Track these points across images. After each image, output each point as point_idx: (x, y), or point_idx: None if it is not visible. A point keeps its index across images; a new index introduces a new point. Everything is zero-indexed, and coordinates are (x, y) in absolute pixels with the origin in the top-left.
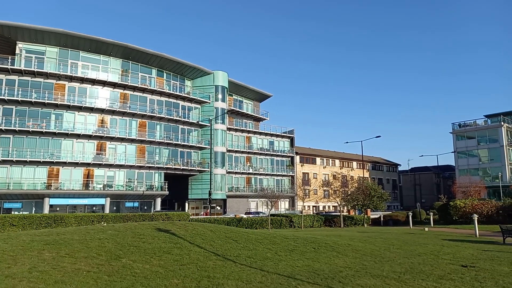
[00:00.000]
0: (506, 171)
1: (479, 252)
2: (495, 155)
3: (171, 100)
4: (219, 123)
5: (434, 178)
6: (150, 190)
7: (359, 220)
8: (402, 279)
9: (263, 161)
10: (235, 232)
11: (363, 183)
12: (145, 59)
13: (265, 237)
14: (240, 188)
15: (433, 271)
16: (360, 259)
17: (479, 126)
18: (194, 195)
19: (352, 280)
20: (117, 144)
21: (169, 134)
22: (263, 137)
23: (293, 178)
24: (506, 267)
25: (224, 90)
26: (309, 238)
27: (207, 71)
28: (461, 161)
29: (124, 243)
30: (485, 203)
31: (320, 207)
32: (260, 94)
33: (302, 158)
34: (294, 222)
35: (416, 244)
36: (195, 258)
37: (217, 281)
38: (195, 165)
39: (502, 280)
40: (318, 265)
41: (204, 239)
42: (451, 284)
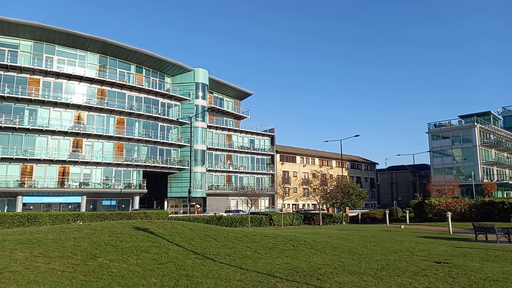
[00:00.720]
0: (478, 170)
1: (453, 249)
2: (468, 154)
3: (151, 97)
4: (200, 120)
5: (410, 177)
6: (128, 188)
7: (337, 218)
8: (379, 276)
9: (243, 159)
10: (214, 230)
11: (341, 181)
12: (123, 55)
13: (245, 235)
14: (220, 186)
15: (409, 267)
16: (338, 256)
17: (453, 126)
18: (174, 193)
19: (330, 277)
20: (94, 141)
21: (148, 131)
22: (244, 135)
23: (273, 176)
24: (477, 263)
25: (205, 87)
26: (288, 236)
27: (187, 68)
28: (436, 160)
29: (100, 242)
30: (459, 201)
31: (299, 205)
32: (241, 92)
33: (283, 156)
34: (274, 220)
35: (393, 241)
36: (174, 256)
37: (196, 279)
38: (175, 163)
39: (473, 275)
40: (297, 263)
41: (183, 238)
42: (426, 280)
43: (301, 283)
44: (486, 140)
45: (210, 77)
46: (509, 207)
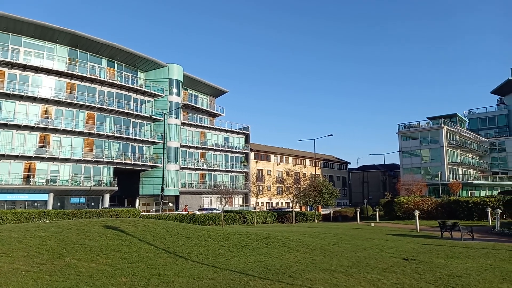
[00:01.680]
0: (445, 170)
1: (420, 246)
2: (435, 155)
3: (123, 92)
4: (173, 117)
5: (381, 176)
6: (98, 186)
7: (310, 216)
8: (349, 272)
9: (217, 157)
10: (187, 228)
11: (315, 180)
12: (94, 48)
13: (218, 234)
14: (194, 184)
15: (378, 264)
16: (311, 254)
17: (422, 127)
18: (146, 191)
19: (302, 275)
20: (62, 136)
21: (119, 127)
22: (218, 133)
23: (247, 174)
24: (442, 260)
25: (179, 84)
26: (261, 234)
27: (161, 63)
28: (405, 160)
29: (68, 241)
30: (426, 200)
31: (273, 203)
32: (215, 89)
33: (257, 155)
34: (247, 218)
35: (363, 238)
36: (145, 255)
37: (167, 278)
38: (147, 160)
39: (439, 271)
40: (269, 261)
41: (154, 236)
42: (394, 277)
43: (273, 281)
44: (453, 141)
45: (185, 73)
46: (473, 206)
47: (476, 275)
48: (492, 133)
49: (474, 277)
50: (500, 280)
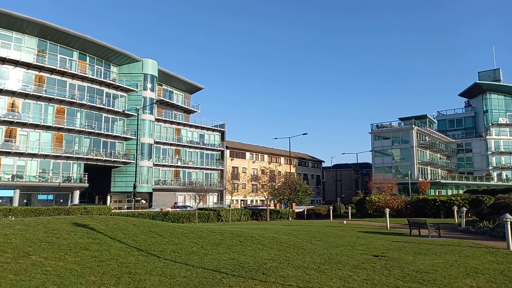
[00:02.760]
0: (414, 170)
1: (389, 243)
2: (406, 154)
3: (94, 86)
4: (147, 113)
5: (354, 175)
6: (67, 182)
7: (284, 213)
8: (321, 269)
9: (192, 154)
10: (160, 226)
11: (289, 178)
12: (65, 40)
13: (192, 231)
14: (168, 181)
15: (349, 261)
16: (284, 251)
17: (393, 128)
18: (118, 188)
19: (275, 272)
20: (30, 130)
21: (91, 122)
22: (193, 129)
23: (222, 172)
24: (411, 256)
25: (154, 79)
26: (235, 231)
27: (135, 58)
28: (377, 160)
29: (34, 239)
30: (396, 198)
31: (248, 201)
32: (191, 85)
33: (232, 152)
34: (222, 216)
35: (335, 236)
36: (116, 253)
37: (138, 277)
38: (120, 156)
39: (407, 268)
40: (243, 258)
41: (126, 234)
42: (364, 273)
43: (246, 278)
44: (422, 141)
45: (160, 68)
46: (440, 205)
47: (442, 271)
48: (460, 134)
49: (440, 273)
50: (464, 276)
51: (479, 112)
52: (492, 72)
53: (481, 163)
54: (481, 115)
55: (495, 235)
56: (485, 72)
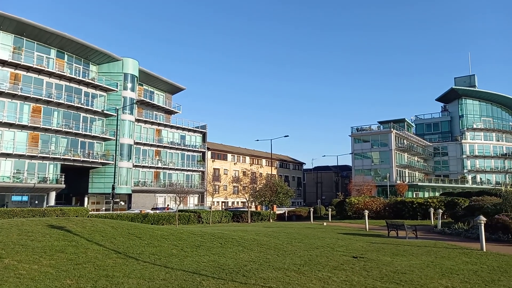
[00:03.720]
0: (393, 172)
1: (368, 244)
2: (385, 157)
3: (73, 85)
4: (127, 113)
5: (334, 177)
6: (43, 183)
7: (265, 215)
8: (301, 271)
9: (173, 156)
10: (139, 228)
11: (270, 180)
12: (43, 38)
13: (172, 233)
14: (148, 182)
15: (329, 262)
16: (265, 253)
17: (373, 131)
18: (95, 189)
19: (256, 274)
20: (4, 129)
21: (68, 122)
22: (174, 130)
23: (203, 173)
24: (388, 257)
25: (134, 79)
26: (216, 233)
27: (115, 57)
28: (357, 162)
29: (7, 242)
30: (375, 200)
31: (229, 202)
32: (172, 86)
33: (214, 154)
34: (202, 217)
35: (315, 238)
36: (93, 256)
37: (116, 280)
38: (98, 157)
39: (385, 269)
40: (223, 260)
41: (104, 236)
42: (343, 274)
43: (226, 280)
44: (400, 145)
45: (140, 68)
46: (417, 207)
47: (418, 272)
48: (436, 138)
49: (417, 274)
50: (440, 276)
51: (455, 116)
52: (468, 78)
53: (456, 166)
54: (457, 119)
55: (469, 237)
56: (461, 78)
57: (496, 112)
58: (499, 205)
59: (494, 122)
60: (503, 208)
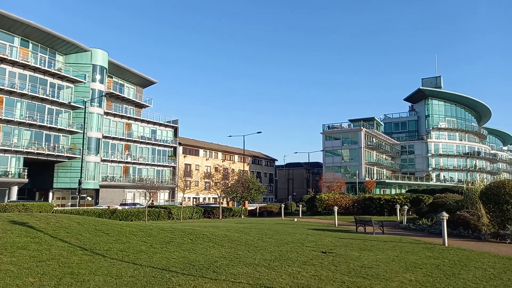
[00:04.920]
0: (362, 170)
1: (337, 240)
2: (354, 155)
3: (38, 75)
4: (95, 106)
5: (305, 174)
6: (4, 177)
7: (237, 211)
8: (271, 266)
9: (143, 150)
10: (106, 224)
11: (243, 176)
12: (6, 25)
13: (141, 229)
14: (116, 177)
15: (298, 257)
16: (235, 249)
17: (344, 129)
18: (61, 184)
19: (226, 270)
20: None
21: (32, 114)
22: (145, 125)
23: (174, 169)
24: (356, 252)
25: (103, 70)
26: (186, 229)
27: (84, 47)
28: (328, 159)
29: None
30: (344, 197)
31: (200, 198)
32: (143, 79)
33: (185, 149)
34: (173, 213)
35: (286, 233)
36: (57, 253)
37: (82, 277)
38: (64, 150)
39: (352, 263)
40: (194, 256)
41: (69, 233)
42: (312, 269)
43: (196, 276)
44: (370, 143)
45: (110, 60)
46: (385, 203)
47: (384, 266)
48: (404, 137)
49: (383, 268)
50: (404, 270)
51: (421, 116)
52: (434, 79)
53: (422, 164)
54: (423, 119)
55: (432, 232)
56: (428, 79)
57: (460, 113)
58: (461, 202)
59: (458, 122)
60: (464, 205)
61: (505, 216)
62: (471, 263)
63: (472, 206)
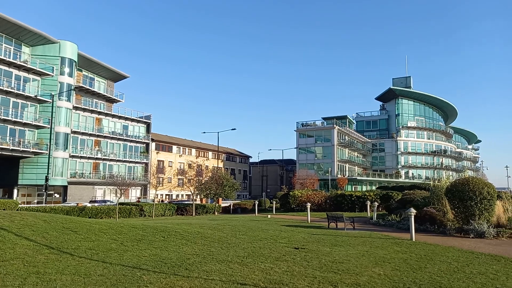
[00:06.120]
0: (334, 167)
1: (309, 236)
2: (327, 152)
3: (2, 67)
4: (64, 100)
5: (279, 170)
6: None
7: (210, 208)
8: (244, 262)
9: (114, 146)
10: (75, 222)
11: (216, 173)
12: None
13: (111, 227)
14: (86, 174)
15: (271, 253)
16: (208, 246)
17: (317, 126)
18: (27, 180)
19: (199, 267)
20: None
21: None
22: (116, 120)
23: (147, 165)
24: (328, 248)
25: (72, 63)
26: (159, 227)
27: (51, 39)
28: (301, 156)
29: None
30: (317, 194)
31: (173, 195)
32: (115, 73)
33: (158, 145)
34: (145, 210)
35: (259, 230)
36: (22, 252)
37: (48, 277)
38: (30, 146)
39: (324, 259)
40: (166, 254)
41: (35, 231)
42: (285, 265)
43: (168, 274)
44: (342, 140)
45: (80, 53)
46: (356, 199)
47: (354, 261)
48: (375, 135)
49: (353, 263)
50: (374, 265)
51: (392, 115)
52: (404, 79)
53: (391, 162)
54: (393, 118)
55: (401, 227)
56: (399, 79)
57: (428, 112)
58: (428, 198)
59: (426, 121)
60: (431, 201)
61: (468, 212)
62: (437, 257)
63: (438, 202)
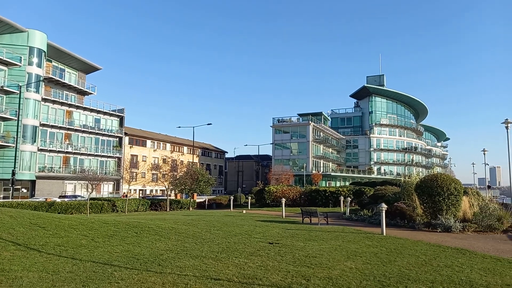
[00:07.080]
0: (309, 163)
1: (284, 231)
2: (302, 148)
3: None
4: (32, 91)
5: (255, 166)
6: None
7: (185, 204)
8: (219, 258)
9: (85, 140)
10: (43, 218)
11: (192, 168)
12: None
13: (81, 223)
14: (55, 168)
15: (246, 249)
16: (182, 241)
17: (293, 122)
18: None
19: (172, 262)
20: None
21: None
22: (88, 113)
23: (120, 160)
24: (302, 243)
25: (41, 53)
26: (131, 222)
27: (19, 28)
28: (277, 152)
29: None
30: (292, 189)
31: (147, 190)
32: (87, 64)
33: (132, 139)
34: (117, 206)
35: (234, 225)
36: None
37: (14, 274)
38: None
39: (298, 253)
40: (138, 250)
41: (0, 227)
42: (259, 260)
43: (141, 270)
44: (317, 137)
45: (49, 43)
46: (330, 195)
47: (327, 255)
48: (349, 132)
49: (326, 257)
50: (346, 259)
51: (365, 112)
52: (378, 77)
53: (365, 158)
54: (367, 115)
55: (372, 222)
56: (372, 77)
57: (400, 110)
58: (398, 194)
59: (398, 119)
60: (401, 197)
61: (436, 207)
62: (406, 250)
63: (408, 197)
